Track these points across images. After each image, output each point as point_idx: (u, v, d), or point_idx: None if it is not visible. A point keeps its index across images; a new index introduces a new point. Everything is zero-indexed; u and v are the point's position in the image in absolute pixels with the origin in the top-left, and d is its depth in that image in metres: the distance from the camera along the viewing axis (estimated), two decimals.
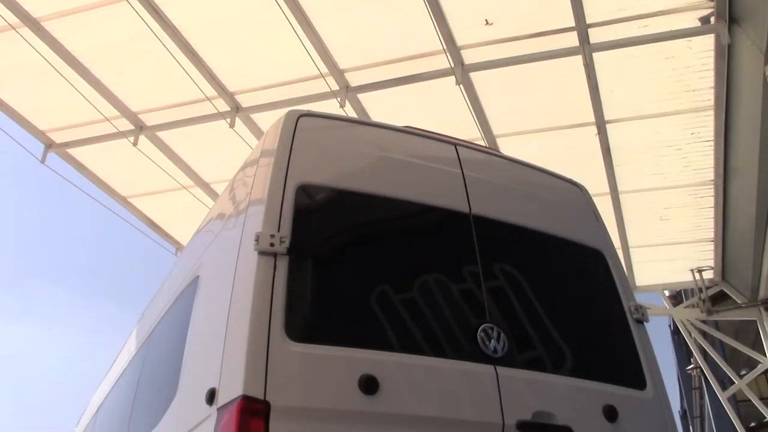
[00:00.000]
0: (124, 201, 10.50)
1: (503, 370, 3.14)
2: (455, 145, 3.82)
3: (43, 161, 9.30)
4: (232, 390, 2.73)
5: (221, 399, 2.79)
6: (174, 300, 4.10)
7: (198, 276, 3.71)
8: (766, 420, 11.67)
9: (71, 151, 9.52)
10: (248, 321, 2.82)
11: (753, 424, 17.18)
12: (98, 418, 5.68)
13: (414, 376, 2.97)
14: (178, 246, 11.06)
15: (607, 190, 9.50)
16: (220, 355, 2.93)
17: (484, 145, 8.11)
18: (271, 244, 2.98)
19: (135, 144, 9.02)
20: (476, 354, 3.14)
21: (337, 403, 2.80)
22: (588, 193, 4.21)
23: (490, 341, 3.18)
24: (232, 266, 3.14)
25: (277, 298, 2.88)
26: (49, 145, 9.35)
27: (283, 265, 2.97)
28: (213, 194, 9.86)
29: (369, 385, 2.83)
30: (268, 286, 2.90)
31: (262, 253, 2.97)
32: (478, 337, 3.17)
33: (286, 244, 3.01)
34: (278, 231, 3.03)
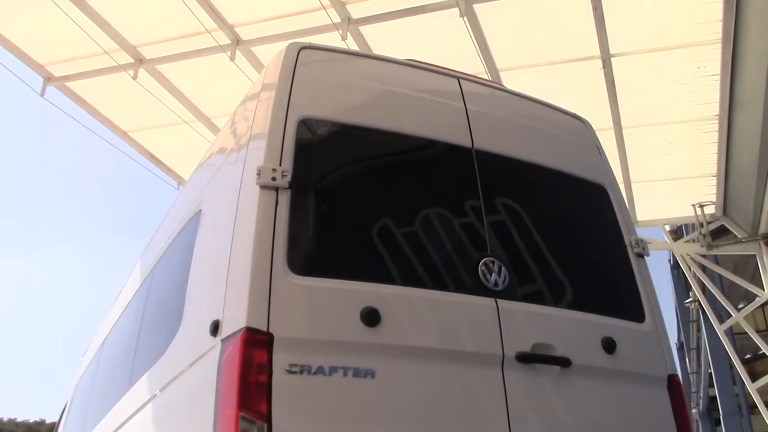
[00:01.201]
0: (124, 135, 10.45)
1: (504, 303, 3.18)
2: (458, 78, 3.78)
3: (42, 95, 9.23)
4: (235, 322, 2.77)
5: (225, 331, 2.83)
6: (177, 234, 4.13)
7: (200, 210, 3.72)
8: (761, 352, 11.84)
9: (70, 84, 9.43)
10: (251, 254, 2.85)
11: (748, 356, 17.47)
12: (104, 349, 5.78)
13: (415, 309, 3.01)
14: (180, 180, 11.06)
15: (611, 124, 9.43)
16: (224, 287, 2.96)
17: (487, 78, 8.02)
18: (273, 179, 2.98)
19: (134, 78, 8.93)
20: (477, 287, 3.17)
21: (339, 335, 2.84)
22: (592, 128, 4.18)
23: (491, 275, 3.21)
24: (233, 200, 3.15)
25: (280, 231, 2.90)
26: (48, 78, 9.25)
27: (285, 199, 2.98)
28: (214, 128, 9.80)
29: (371, 317, 2.87)
30: (270, 220, 2.91)
31: (263, 187, 2.97)
32: (479, 270, 3.20)
33: (288, 178, 3.01)
34: (280, 165, 3.03)
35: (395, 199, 3.34)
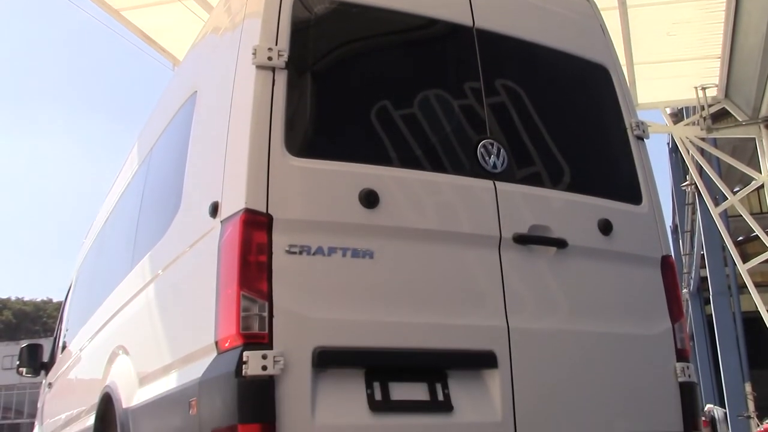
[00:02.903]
0: (116, 14, 10.14)
1: (502, 185, 3.19)
2: None
3: None
4: (234, 203, 2.79)
5: (224, 212, 2.86)
6: (173, 115, 4.08)
7: (196, 91, 3.66)
8: (753, 234, 12.02)
9: None
10: (248, 136, 2.83)
11: (740, 238, 17.75)
12: (106, 231, 5.84)
13: (414, 191, 3.02)
14: (175, 61, 10.83)
15: (616, 3, 9.17)
16: (222, 169, 2.96)
17: None
18: (269, 58, 2.93)
19: None
20: (476, 169, 3.17)
21: (338, 216, 2.86)
22: (596, 6, 4.06)
23: (489, 157, 3.20)
24: (230, 81, 3.10)
25: (277, 113, 2.87)
26: None
27: (281, 79, 2.93)
28: (208, 6, 9.51)
29: (369, 198, 2.89)
30: (267, 100, 2.88)
31: (259, 67, 2.92)
32: (477, 152, 3.19)
33: (285, 57, 2.95)
34: (276, 44, 2.96)
35: (394, 80, 3.28)
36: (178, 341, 3.23)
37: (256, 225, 2.72)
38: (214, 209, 2.93)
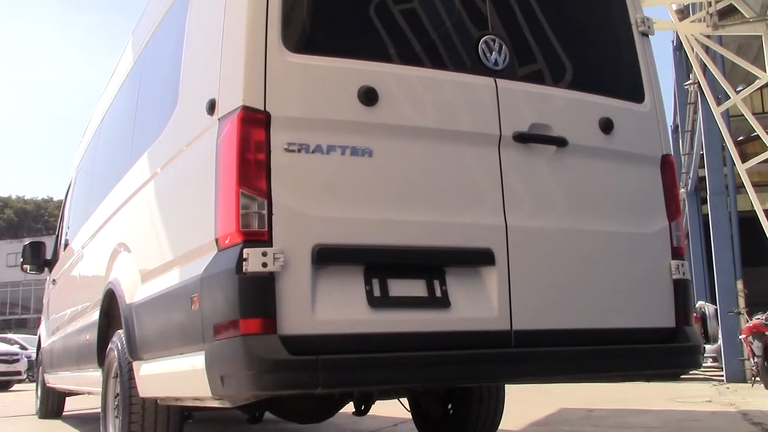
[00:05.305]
0: None
1: (503, 83, 3.14)
2: None
3: None
4: (231, 100, 2.75)
5: (222, 109, 2.82)
6: (167, 10, 3.97)
7: None
8: (753, 134, 11.95)
9: None
10: (244, 31, 2.77)
11: (741, 138, 17.66)
12: (103, 129, 5.79)
13: (413, 88, 2.98)
14: None
15: None
16: (218, 66, 2.91)
17: None
18: None
19: None
20: (476, 66, 3.12)
21: (336, 114, 2.83)
22: None
23: (491, 53, 3.14)
24: None
25: (273, 7, 2.80)
26: None
27: None
28: None
29: (368, 96, 2.85)
30: None
31: None
32: (479, 49, 3.13)
33: None
34: None
35: None
36: (179, 239, 3.26)
37: (254, 122, 2.69)
38: (211, 107, 2.90)
